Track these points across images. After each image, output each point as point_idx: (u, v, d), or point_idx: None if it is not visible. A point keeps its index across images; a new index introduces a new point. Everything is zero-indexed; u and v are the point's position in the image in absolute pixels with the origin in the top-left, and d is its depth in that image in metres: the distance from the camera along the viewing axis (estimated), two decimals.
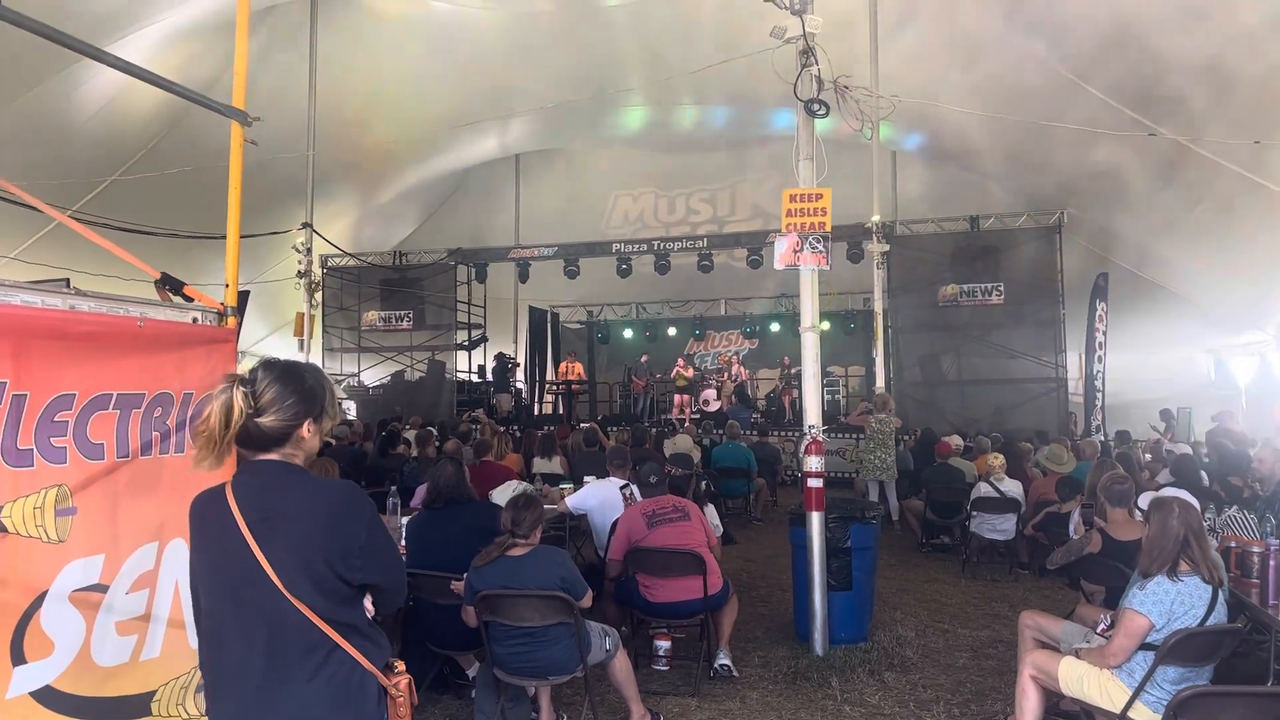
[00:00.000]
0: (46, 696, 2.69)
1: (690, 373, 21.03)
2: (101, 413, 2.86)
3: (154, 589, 3.06)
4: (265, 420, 2.21)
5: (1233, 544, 4.94)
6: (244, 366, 2.62)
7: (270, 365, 2.30)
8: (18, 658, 2.61)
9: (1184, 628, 3.87)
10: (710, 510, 7.34)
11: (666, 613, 5.86)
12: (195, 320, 3.31)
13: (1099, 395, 16.53)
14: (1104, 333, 16.36)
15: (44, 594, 2.68)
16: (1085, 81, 12.51)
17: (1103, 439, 13.65)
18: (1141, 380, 18.62)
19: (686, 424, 17.85)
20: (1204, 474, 8.75)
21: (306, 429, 2.29)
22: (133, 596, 2.98)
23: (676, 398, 20.49)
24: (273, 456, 2.26)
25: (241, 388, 2.20)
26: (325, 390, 2.37)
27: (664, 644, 6.14)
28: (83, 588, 2.80)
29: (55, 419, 2.71)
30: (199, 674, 3.04)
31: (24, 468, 2.62)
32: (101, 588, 2.87)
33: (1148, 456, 12.25)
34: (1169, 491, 5.13)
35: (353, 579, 2.21)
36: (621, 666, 4.89)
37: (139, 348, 2.97)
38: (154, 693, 3.05)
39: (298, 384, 2.29)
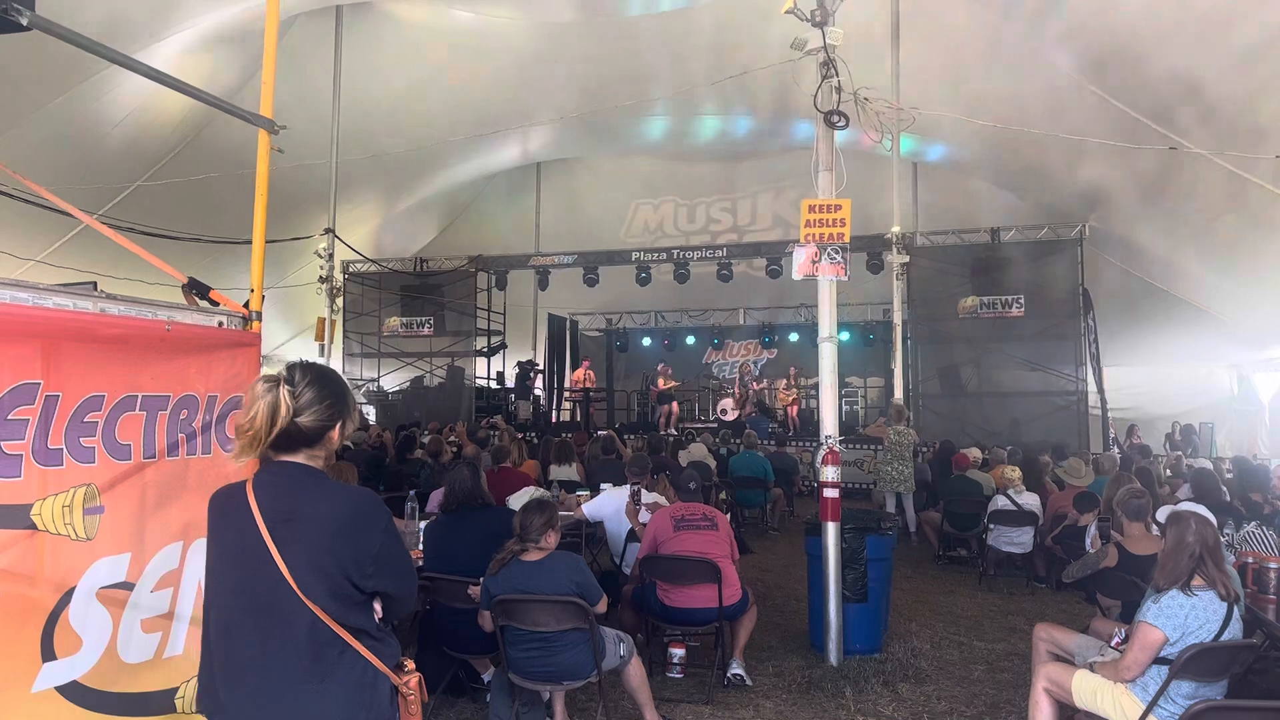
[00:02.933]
0: (72, 692, 2.74)
1: (670, 384, 20.85)
2: (129, 414, 2.91)
3: (178, 588, 3.11)
4: (303, 420, 2.26)
5: (1250, 560, 4.93)
6: (266, 371, 2.67)
7: (306, 367, 2.35)
8: (48, 653, 2.67)
9: (1198, 642, 3.86)
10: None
11: (682, 619, 5.88)
12: (221, 324, 3.37)
13: (1095, 408, 16.46)
14: (1095, 344, 16.30)
15: (72, 591, 2.74)
16: (1109, 94, 12.48)
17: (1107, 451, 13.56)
18: (1164, 395, 18.53)
19: (702, 433, 17.82)
20: (1224, 489, 8.70)
21: (337, 431, 2.35)
22: (157, 595, 3.03)
23: (662, 408, 20.25)
24: (297, 458, 2.30)
25: (287, 387, 2.24)
26: (351, 393, 2.43)
27: (678, 652, 6.16)
28: (109, 585, 2.86)
29: (85, 419, 2.77)
30: None
31: (53, 466, 2.68)
32: (128, 585, 2.93)
33: (1168, 472, 12.18)
34: (1186, 506, 5.12)
35: (364, 585, 2.25)
36: (636, 673, 4.91)
37: (166, 351, 3.03)
38: (177, 689, 3.10)
39: (333, 386, 2.35)
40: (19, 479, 2.58)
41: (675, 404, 19.98)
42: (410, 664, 2.38)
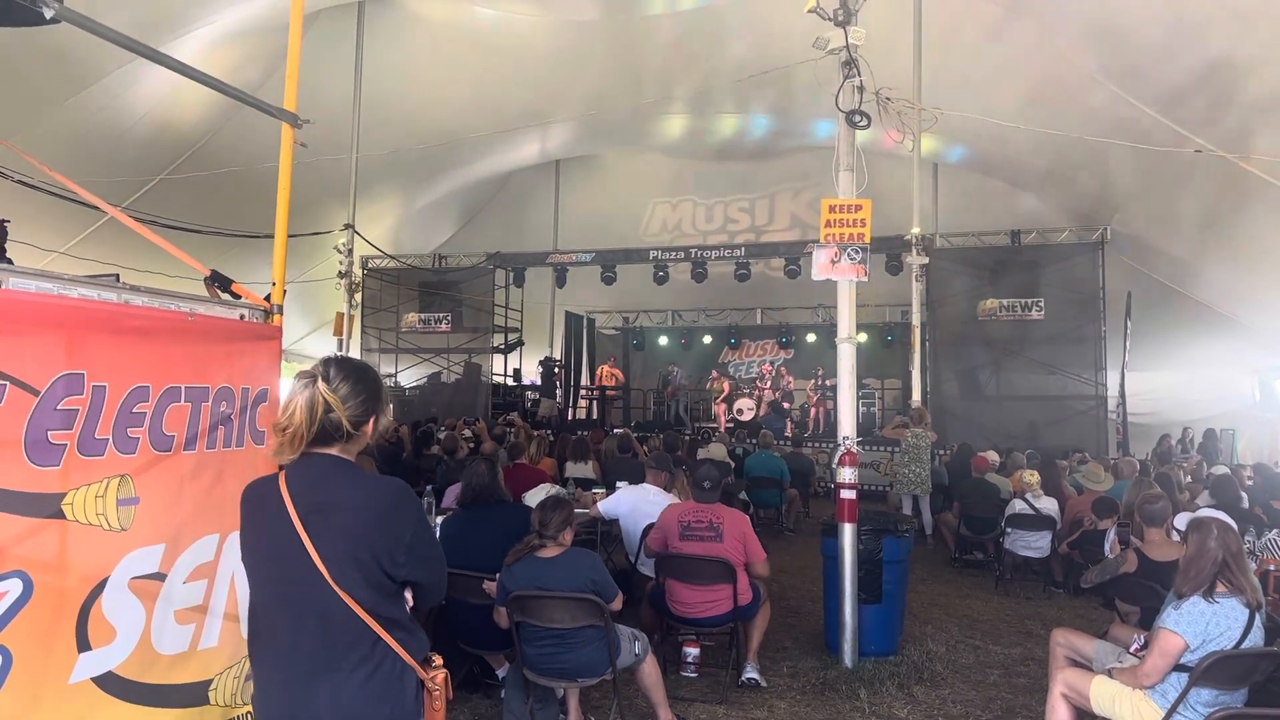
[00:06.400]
0: (108, 682, 2.76)
1: (726, 385, 21.19)
2: (175, 405, 2.93)
3: (213, 580, 3.12)
4: (336, 415, 2.27)
5: (1271, 567, 4.88)
6: (285, 365, 2.69)
7: (341, 362, 2.36)
8: (83, 644, 2.68)
9: (1219, 650, 3.83)
10: None
11: (695, 622, 5.86)
12: (243, 317, 3.38)
13: (1117, 413, 16.34)
14: (1127, 350, 16.16)
15: (105, 581, 2.75)
16: (1132, 96, 12.38)
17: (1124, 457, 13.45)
18: (1184, 400, 18.37)
19: (719, 431, 17.87)
20: (1245, 496, 8.63)
21: (370, 425, 2.36)
22: (191, 586, 3.04)
23: (715, 408, 20.60)
24: (330, 451, 2.31)
25: (324, 383, 2.26)
26: (384, 389, 2.45)
27: (693, 651, 6.15)
28: (141, 575, 2.87)
29: (134, 410, 2.79)
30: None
31: (92, 456, 2.69)
32: (160, 576, 2.94)
33: (1188, 479, 12.09)
34: (1207, 513, 5.08)
35: (396, 574, 2.27)
36: (650, 671, 4.90)
37: (190, 343, 3.04)
38: (210, 681, 3.12)
39: (367, 381, 2.36)
40: (56, 468, 2.59)
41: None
42: (438, 659, 2.39)
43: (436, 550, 2.46)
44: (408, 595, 2.37)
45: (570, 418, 21.82)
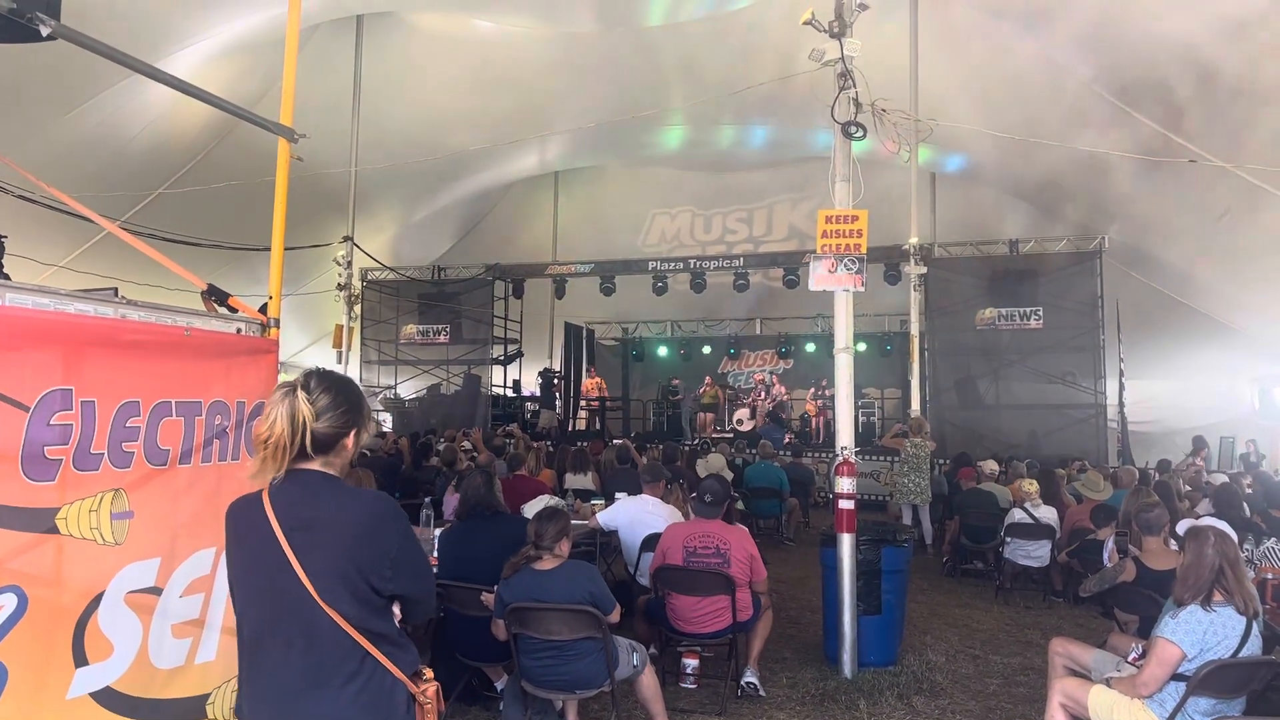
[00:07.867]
0: (106, 697, 2.75)
1: (717, 391, 21.14)
2: (168, 419, 2.93)
3: (209, 593, 3.11)
4: (318, 427, 2.26)
5: (1270, 575, 4.88)
6: (284, 377, 2.69)
7: (321, 374, 2.35)
8: (80, 659, 2.67)
9: (1217, 658, 3.83)
10: None
11: (695, 637, 5.85)
12: (239, 331, 3.38)
13: (1117, 422, 16.35)
14: (1122, 358, 16.17)
15: (101, 595, 2.74)
16: (1130, 106, 12.42)
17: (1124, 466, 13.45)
18: (1183, 408, 18.37)
19: (719, 443, 17.84)
20: (1245, 505, 8.62)
21: (351, 438, 2.35)
22: (187, 600, 3.04)
23: (701, 416, 20.54)
24: (313, 466, 2.30)
25: (304, 393, 2.25)
26: (366, 403, 2.44)
27: (692, 662, 6.14)
28: (137, 590, 2.86)
29: (128, 424, 2.79)
30: None
31: (89, 471, 2.69)
32: (156, 590, 2.92)
33: (1187, 487, 12.07)
34: (1206, 521, 5.07)
35: (384, 589, 2.25)
36: (649, 683, 4.89)
37: (187, 357, 3.04)
38: (209, 695, 3.11)
39: (348, 393, 2.35)
40: (52, 483, 2.59)
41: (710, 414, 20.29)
42: (429, 673, 2.37)
43: (424, 563, 2.45)
44: (396, 610, 2.36)
45: (570, 429, 21.81)
